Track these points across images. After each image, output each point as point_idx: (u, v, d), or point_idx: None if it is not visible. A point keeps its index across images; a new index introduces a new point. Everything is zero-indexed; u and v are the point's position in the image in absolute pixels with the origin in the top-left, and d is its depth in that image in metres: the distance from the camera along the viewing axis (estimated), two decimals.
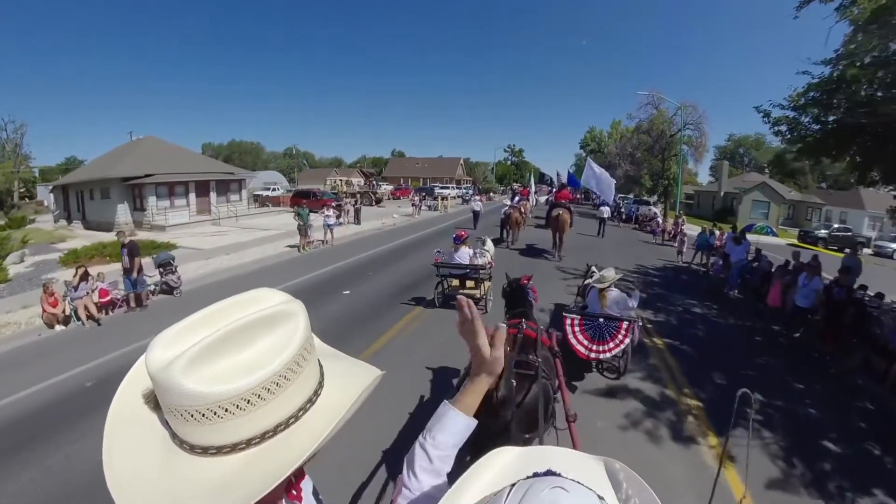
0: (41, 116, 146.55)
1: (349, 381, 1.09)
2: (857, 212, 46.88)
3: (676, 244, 21.05)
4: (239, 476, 0.88)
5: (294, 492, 1.16)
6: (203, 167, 34.52)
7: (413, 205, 37.85)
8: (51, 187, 40.68)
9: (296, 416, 0.96)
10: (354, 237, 24.60)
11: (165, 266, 13.80)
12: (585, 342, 7.54)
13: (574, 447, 2.86)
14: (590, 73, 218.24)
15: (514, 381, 4.08)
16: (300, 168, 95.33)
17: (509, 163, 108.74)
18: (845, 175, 75.89)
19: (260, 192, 46.39)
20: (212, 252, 19.46)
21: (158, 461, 0.91)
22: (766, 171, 60.83)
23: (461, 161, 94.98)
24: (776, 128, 13.40)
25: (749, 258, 15.27)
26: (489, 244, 12.76)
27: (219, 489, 0.86)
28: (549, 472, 0.80)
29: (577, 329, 7.60)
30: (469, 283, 11.49)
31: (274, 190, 48.53)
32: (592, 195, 36.38)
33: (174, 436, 0.92)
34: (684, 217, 26.21)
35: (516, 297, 6.54)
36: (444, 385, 7.34)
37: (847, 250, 19.60)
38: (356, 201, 29.73)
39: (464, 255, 11.55)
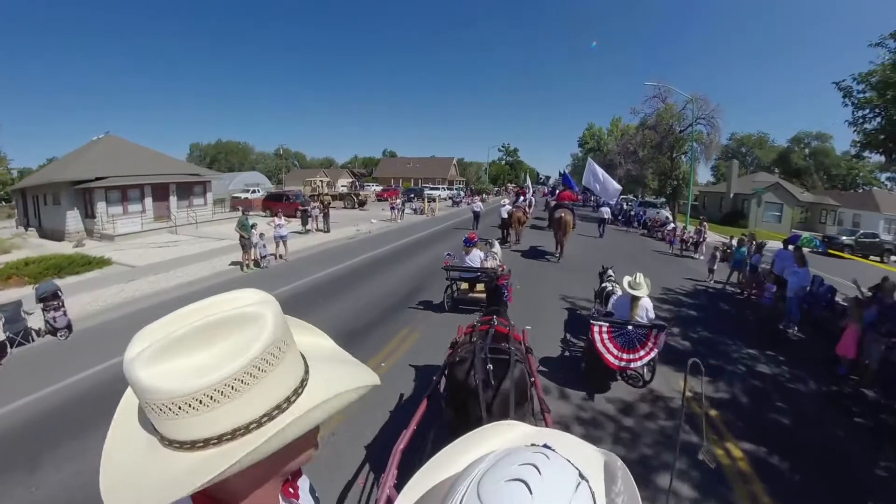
0: (23, 116, 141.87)
1: (334, 385, 1.05)
2: (872, 214, 44.35)
3: (706, 259, 17.48)
4: (199, 465, 0.89)
5: (291, 489, 1.15)
6: (164, 168, 31.30)
7: (392, 208, 33.59)
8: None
9: (269, 416, 0.95)
10: (317, 250, 21.07)
11: (47, 300, 10.27)
12: (615, 351, 7.35)
13: None
14: (587, 70, 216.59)
15: (490, 366, 4.21)
16: (288, 168, 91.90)
17: (504, 162, 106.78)
18: (852, 174, 75.33)
19: (238, 195, 42.88)
20: (141, 271, 16.18)
21: (140, 455, 0.95)
22: (776, 170, 57.38)
23: (454, 161, 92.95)
24: (859, 113, 9.99)
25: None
26: (497, 247, 12.93)
27: (176, 476, 0.88)
28: (545, 446, 0.79)
29: (605, 337, 7.39)
30: (479, 287, 11.35)
31: (254, 192, 45.02)
32: (591, 197, 35.89)
33: (154, 430, 0.94)
34: (707, 224, 22.65)
35: (493, 296, 7.08)
36: (423, 381, 7.42)
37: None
38: (324, 205, 25.89)
39: (475, 257, 11.47)
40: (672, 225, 28.24)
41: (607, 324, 7.48)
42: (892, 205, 45.34)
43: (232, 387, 0.89)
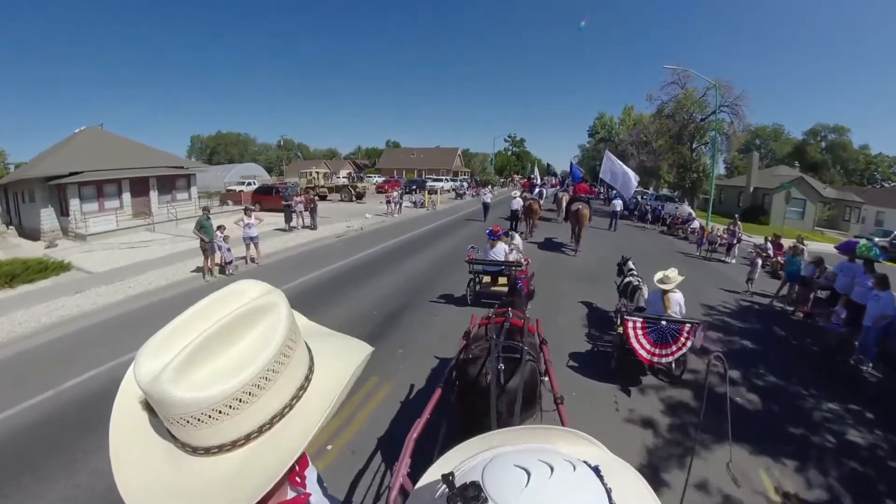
0: (23, 110, 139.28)
1: (339, 362, 1.09)
2: None
3: (749, 267, 14.98)
4: (244, 468, 0.90)
5: (298, 479, 1.16)
6: (145, 161, 28.98)
7: (388, 202, 30.75)
8: None
9: (290, 405, 0.97)
10: (296, 251, 18.48)
11: None
12: (648, 346, 7.34)
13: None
14: (597, 58, 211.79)
15: (501, 365, 4.27)
16: (290, 160, 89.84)
17: (510, 153, 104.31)
18: (870, 169, 72.98)
19: (233, 188, 40.70)
20: (97, 279, 13.96)
21: (165, 467, 0.92)
22: (796, 164, 54.62)
23: (459, 152, 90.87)
24: None
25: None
26: (517, 239, 13.09)
27: (226, 483, 0.88)
28: (594, 468, 0.75)
29: (639, 333, 7.35)
30: (501, 280, 11.32)
31: (249, 184, 42.75)
32: (602, 189, 34.50)
33: (175, 440, 0.92)
34: (741, 223, 20.12)
35: (512, 289, 7.87)
36: (437, 372, 7.44)
37: None
38: (311, 200, 23.42)
39: (499, 251, 11.28)
40: (696, 222, 25.75)
41: (641, 319, 7.46)
42: None
43: (266, 377, 0.90)
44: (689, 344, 7.23)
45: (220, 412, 0.86)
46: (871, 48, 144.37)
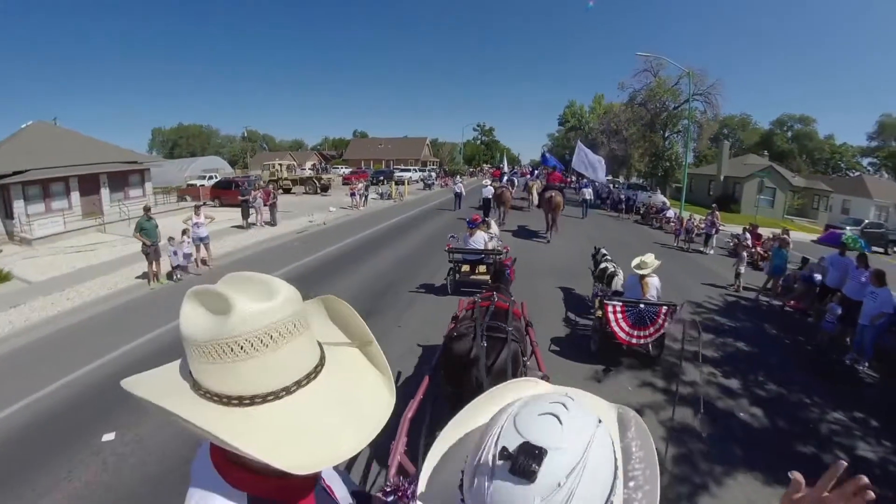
0: None
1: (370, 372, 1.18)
2: (863, 200, 42.81)
3: (734, 262, 14.04)
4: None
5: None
6: (95, 156, 27.04)
7: (352, 193, 29.21)
8: None
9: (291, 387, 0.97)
10: (253, 250, 17.16)
11: None
12: (627, 328, 7.64)
13: None
14: (567, 47, 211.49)
15: (485, 343, 4.45)
16: (254, 151, 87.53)
17: (479, 142, 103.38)
18: (835, 159, 74.15)
19: (194, 182, 38.82)
20: (35, 290, 12.53)
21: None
22: (765, 153, 54.90)
23: (427, 141, 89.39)
24: None
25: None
26: (494, 227, 13.37)
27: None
28: (567, 395, 0.88)
29: (619, 316, 7.66)
30: (481, 269, 11.36)
31: (211, 178, 40.83)
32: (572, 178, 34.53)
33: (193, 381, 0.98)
34: (718, 213, 19.41)
35: (497, 275, 7.81)
36: (426, 355, 7.47)
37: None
38: (270, 194, 21.99)
39: (479, 239, 11.32)
40: (671, 212, 25.12)
41: (620, 303, 7.77)
42: (882, 191, 43.99)
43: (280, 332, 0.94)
44: (666, 325, 7.53)
45: (230, 348, 0.90)
46: (836, 39, 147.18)
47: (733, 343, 9.36)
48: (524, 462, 0.72)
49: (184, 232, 13.41)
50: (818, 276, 11.65)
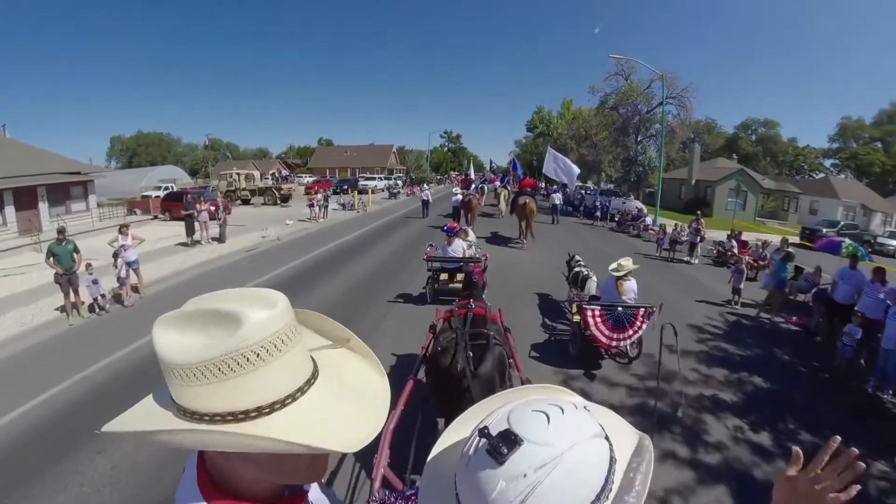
0: None
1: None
2: (830, 201, 43.24)
3: (732, 277, 12.51)
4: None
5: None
6: (35, 167, 24.90)
7: (310, 205, 27.36)
8: None
9: (293, 397, 0.95)
10: (193, 273, 15.09)
11: None
12: (607, 332, 7.65)
13: None
14: (534, 53, 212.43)
15: (470, 352, 4.48)
16: (216, 160, 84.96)
17: (446, 149, 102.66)
18: (798, 161, 75.10)
19: (149, 193, 36.45)
20: None
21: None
22: (734, 156, 54.94)
23: (394, 149, 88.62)
24: None
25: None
26: (472, 235, 13.32)
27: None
28: (584, 407, 0.91)
29: (598, 320, 7.68)
30: (459, 277, 11.24)
31: (167, 189, 38.44)
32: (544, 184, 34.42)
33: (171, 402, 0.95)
34: (703, 220, 18.24)
35: (467, 283, 8.38)
36: (405, 364, 7.29)
37: None
38: (219, 207, 19.94)
39: (458, 247, 11.29)
40: (649, 219, 23.97)
41: (599, 307, 7.80)
42: (848, 192, 44.49)
43: (245, 360, 0.89)
44: (644, 327, 7.57)
45: (202, 373, 0.88)
46: (798, 42, 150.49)
47: (749, 378, 7.96)
48: (497, 444, 0.77)
49: (115, 255, 11.62)
50: (825, 290, 10.50)
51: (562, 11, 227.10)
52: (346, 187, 44.40)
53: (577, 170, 24.01)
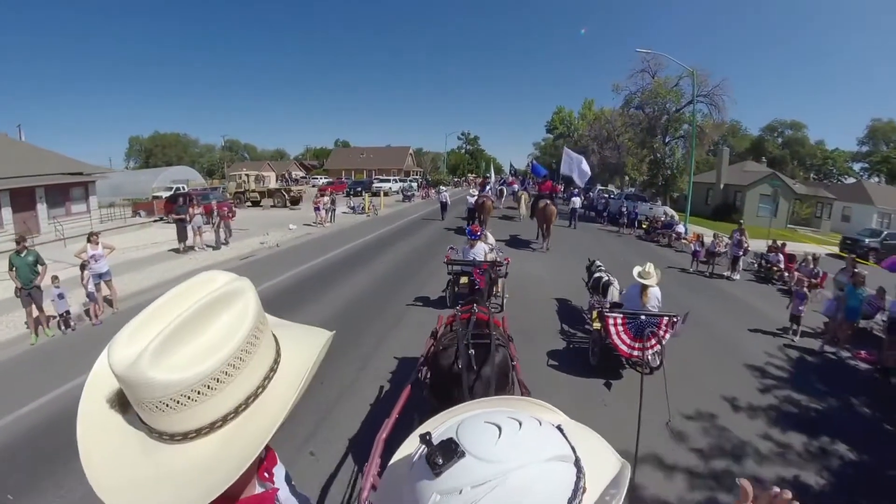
0: None
1: (303, 346, 1.12)
2: (865, 207, 40.55)
3: (792, 302, 10.35)
4: (220, 452, 0.92)
5: (266, 475, 1.19)
6: (35, 167, 23.93)
7: (316, 208, 25.88)
8: None
9: (262, 386, 1.00)
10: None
11: None
12: (629, 341, 7.37)
13: None
14: (554, 51, 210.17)
15: (472, 351, 4.35)
16: (232, 161, 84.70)
17: (463, 151, 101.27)
18: (827, 164, 72.45)
19: (159, 194, 35.61)
20: None
21: (140, 458, 0.93)
22: (764, 160, 52.66)
23: (411, 150, 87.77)
24: None
25: None
26: (491, 238, 12.89)
27: (204, 469, 0.90)
28: (557, 427, 0.83)
29: (620, 328, 7.38)
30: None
31: (177, 190, 37.49)
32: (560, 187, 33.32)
33: (151, 430, 0.93)
34: (745, 230, 16.24)
35: (472, 289, 8.26)
36: (403, 372, 7.26)
37: None
38: (216, 213, 18.36)
39: (479, 251, 10.84)
40: (681, 227, 22.15)
41: (621, 315, 7.45)
42: (884, 197, 41.65)
43: (240, 358, 0.94)
44: (668, 336, 7.25)
45: (198, 393, 0.88)
46: (825, 43, 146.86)
47: (832, 446, 6.16)
48: (434, 454, 0.71)
49: (83, 267, 10.33)
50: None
51: (581, 10, 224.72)
52: (359, 189, 43.05)
53: (588, 170, 23.38)
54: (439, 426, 0.83)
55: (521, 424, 0.74)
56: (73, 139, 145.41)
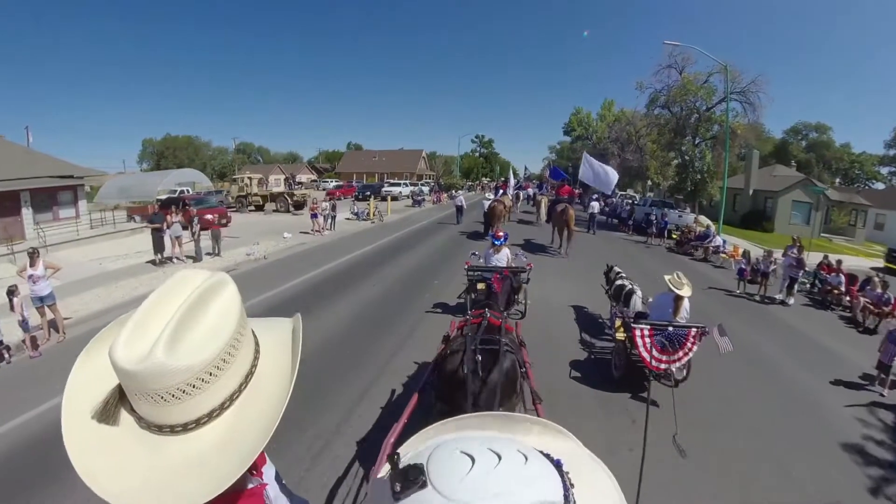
0: None
1: (275, 330, 1.20)
2: None
3: (884, 346, 8.15)
4: (230, 436, 0.96)
5: (254, 472, 1.19)
6: (21, 168, 22.70)
7: (313, 215, 23.54)
8: None
9: (255, 366, 1.06)
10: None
11: None
12: (657, 353, 6.92)
13: None
14: (570, 52, 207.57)
15: (479, 356, 4.25)
16: (242, 164, 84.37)
17: (477, 154, 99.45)
18: (854, 168, 69.57)
19: (161, 198, 34.07)
20: None
21: (148, 457, 0.93)
22: (793, 164, 50.16)
23: (423, 154, 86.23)
24: None
25: None
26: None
27: (215, 453, 0.94)
28: (556, 462, 0.73)
29: (647, 340, 6.93)
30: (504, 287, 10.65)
31: (184, 193, 36.12)
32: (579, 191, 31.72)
33: (157, 427, 0.94)
34: (801, 243, 14.17)
35: (487, 293, 7.63)
36: (414, 377, 7.28)
37: None
38: (193, 221, 16.19)
39: (503, 257, 10.66)
40: (718, 239, 19.88)
41: (649, 326, 7.01)
42: None
43: (237, 340, 0.99)
44: (695, 349, 6.84)
45: (210, 374, 0.91)
46: (848, 43, 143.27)
47: None
48: (394, 479, 0.67)
49: (10, 293, 8.61)
50: None
51: (598, 9, 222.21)
52: (368, 193, 41.31)
53: (615, 176, 21.80)
54: (420, 445, 0.81)
55: (499, 459, 0.65)
56: (88, 141, 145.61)
